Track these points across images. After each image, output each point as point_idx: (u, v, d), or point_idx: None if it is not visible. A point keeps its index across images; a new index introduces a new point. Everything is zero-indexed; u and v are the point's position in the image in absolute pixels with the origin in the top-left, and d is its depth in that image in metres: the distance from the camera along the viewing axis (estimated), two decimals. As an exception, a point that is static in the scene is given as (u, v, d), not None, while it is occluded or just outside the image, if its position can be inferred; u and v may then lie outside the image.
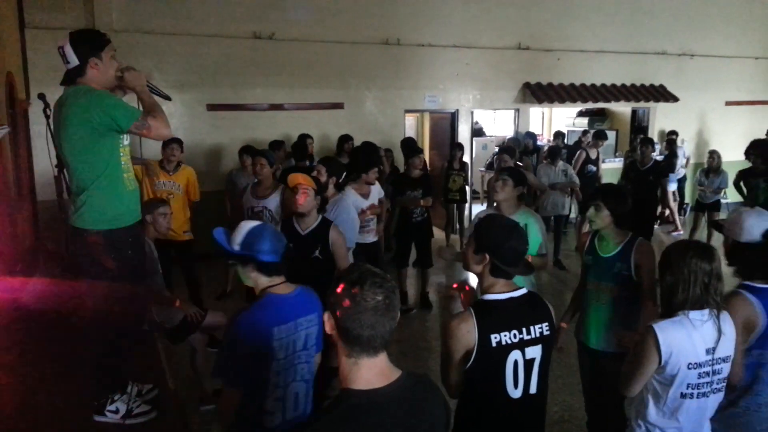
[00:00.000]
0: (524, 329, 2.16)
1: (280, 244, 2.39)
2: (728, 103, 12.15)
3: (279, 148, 7.19)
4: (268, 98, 8.64)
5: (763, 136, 10.16)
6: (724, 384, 2.26)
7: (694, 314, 2.16)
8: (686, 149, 10.98)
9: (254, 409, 2.34)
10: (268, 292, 2.37)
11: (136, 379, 2.94)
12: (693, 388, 2.19)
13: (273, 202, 4.74)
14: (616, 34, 10.76)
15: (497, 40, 9.96)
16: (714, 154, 8.41)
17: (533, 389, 2.20)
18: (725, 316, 2.21)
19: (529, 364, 2.17)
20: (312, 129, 8.30)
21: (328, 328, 1.56)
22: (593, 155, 8.94)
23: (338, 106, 9.10)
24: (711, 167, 8.28)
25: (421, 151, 6.76)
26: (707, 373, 2.18)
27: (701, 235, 8.44)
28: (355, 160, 7.82)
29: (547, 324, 2.22)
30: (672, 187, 9.85)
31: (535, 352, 2.18)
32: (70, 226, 2.72)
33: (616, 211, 3.17)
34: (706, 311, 2.16)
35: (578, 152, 8.86)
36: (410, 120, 11.82)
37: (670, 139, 10.52)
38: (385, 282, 1.53)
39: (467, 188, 8.83)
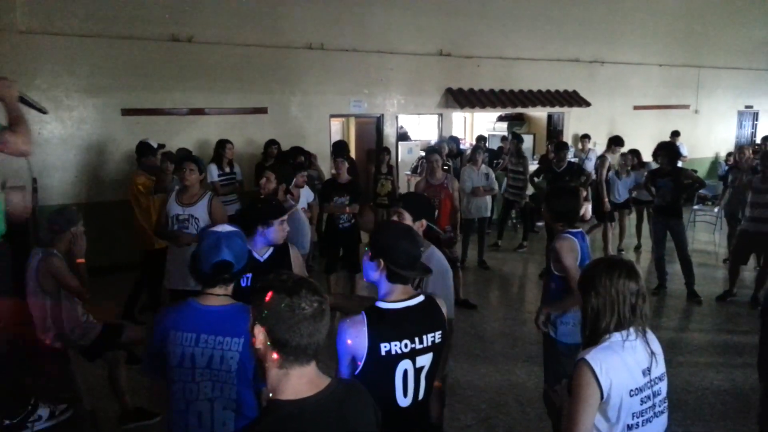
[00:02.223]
0: (417, 339, 2.15)
1: (213, 255, 2.22)
2: (636, 108, 12.91)
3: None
4: (188, 102, 8.38)
5: (668, 139, 10.84)
6: (666, 404, 2.12)
7: (618, 335, 2.02)
8: (598, 152, 11.53)
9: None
10: (194, 298, 2.28)
11: (49, 400, 2.76)
12: (637, 417, 2.02)
13: (200, 209, 4.56)
14: (531, 42, 11.20)
15: (419, 46, 10.13)
16: (626, 157, 8.84)
17: (421, 396, 2.22)
18: (651, 335, 2.10)
19: (418, 372, 2.17)
20: (235, 134, 8.13)
21: (258, 342, 1.50)
22: (614, 161, 8.77)
23: (262, 110, 8.95)
24: (625, 169, 8.70)
25: (344, 155, 6.72)
26: (648, 397, 2.04)
27: (615, 232, 8.89)
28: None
29: (440, 332, 2.23)
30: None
31: (425, 360, 2.18)
32: None
33: (554, 210, 3.45)
34: (632, 331, 2.03)
35: (601, 158, 8.81)
36: (336, 125, 11.80)
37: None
38: (318, 288, 1.53)
39: (397, 192, 8.83)
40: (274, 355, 1.48)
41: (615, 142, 8.88)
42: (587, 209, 11.06)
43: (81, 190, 7.79)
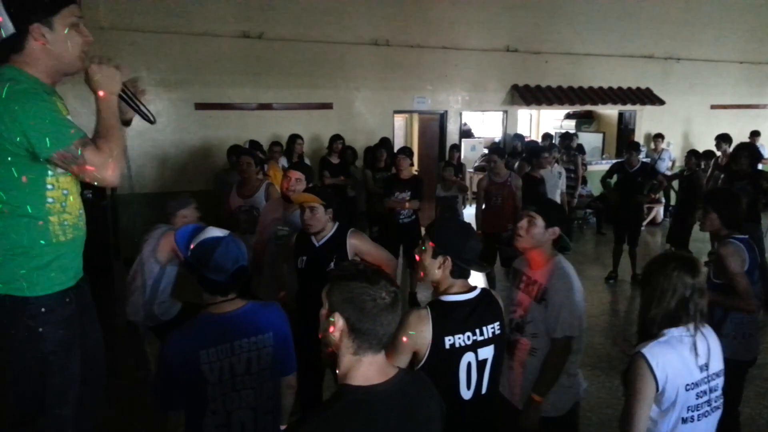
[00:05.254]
0: (477, 330, 2.17)
1: (230, 262, 2.12)
2: (713, 107, 12.31)
3: (256, 149, 7.02)
4: (257, 98, 8.61)
5: (747, 139, 10.28)
6: (722, 400, 2.12)
7: (676, 331, 2.02)
8: (672, 152, 11.10)
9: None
10: (206, 310, 2.17)
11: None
12: (693, 410, 2.04)
13: (259, 199, 4.75)
14: (602, 37, 10.86)
15: (485, 42, 10.01)
16: (690, 159, 8.34)
17: (484, 389, 2.21)
18: (709, 331, 2.10)
19: (481, 365, 2.19)
20: (301, 129, 8.29)
21: (336, 330, 1.51)
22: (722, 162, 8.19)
23: (327, 106, 9.09)
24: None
25: (407, 152, 6.68)
26: (704, 392, 2.05)
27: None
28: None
29: (498, 323, 2.24)
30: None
31: (487, 352, 2.20)
32: None
33: (726, 215, 3.47)
34: (690, 326, 2.03)
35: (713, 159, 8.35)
36: (399, 121, 11.84)
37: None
38: (393, 279, 1.58)
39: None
40: (350, 342, 1.52)
41: (723, 138, 8.35)
42: (659, 212, 10.68)
43: (154, 181, 8.14)
